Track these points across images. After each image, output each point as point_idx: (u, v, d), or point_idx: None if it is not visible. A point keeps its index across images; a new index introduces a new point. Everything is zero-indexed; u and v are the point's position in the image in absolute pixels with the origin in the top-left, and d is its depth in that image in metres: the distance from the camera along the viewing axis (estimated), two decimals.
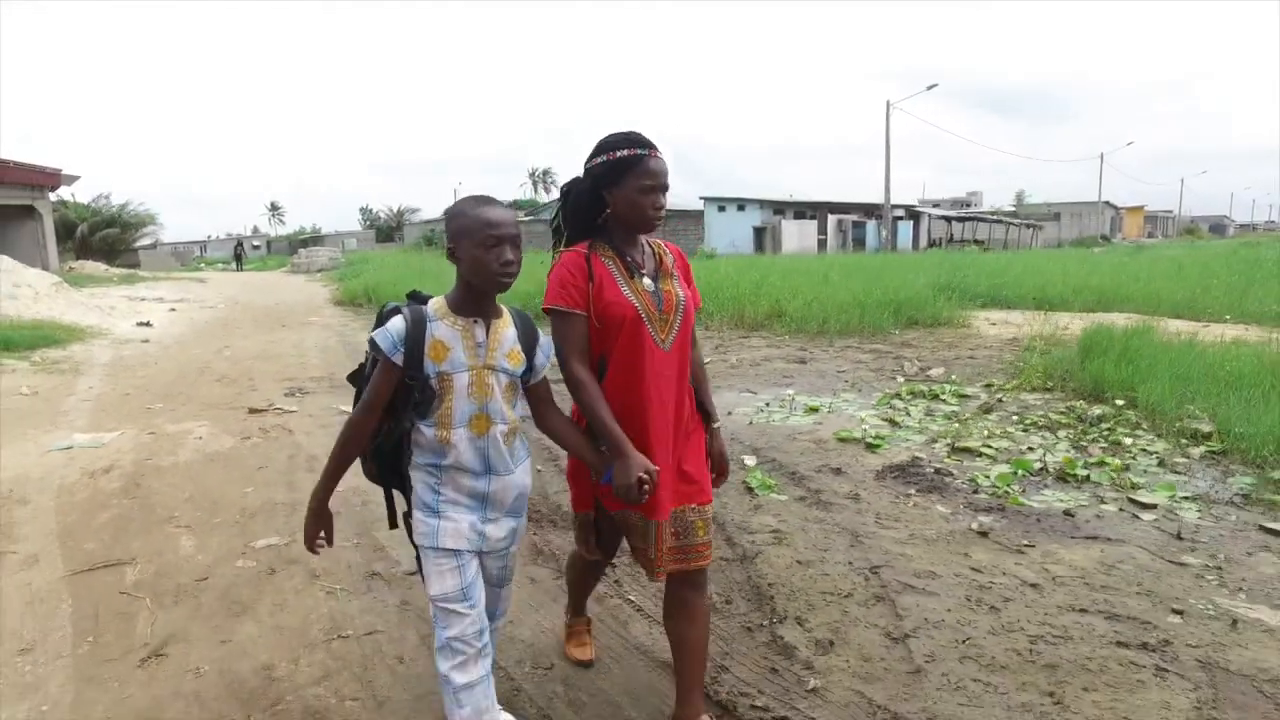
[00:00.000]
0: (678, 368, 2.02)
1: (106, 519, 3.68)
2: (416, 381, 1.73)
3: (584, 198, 2.01)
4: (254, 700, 2.25)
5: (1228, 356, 6.54)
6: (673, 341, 2.01)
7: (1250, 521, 3.62)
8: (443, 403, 1.75)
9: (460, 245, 1.76)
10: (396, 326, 1.75)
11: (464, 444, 1.76)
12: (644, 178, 1.95)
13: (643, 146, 1.97)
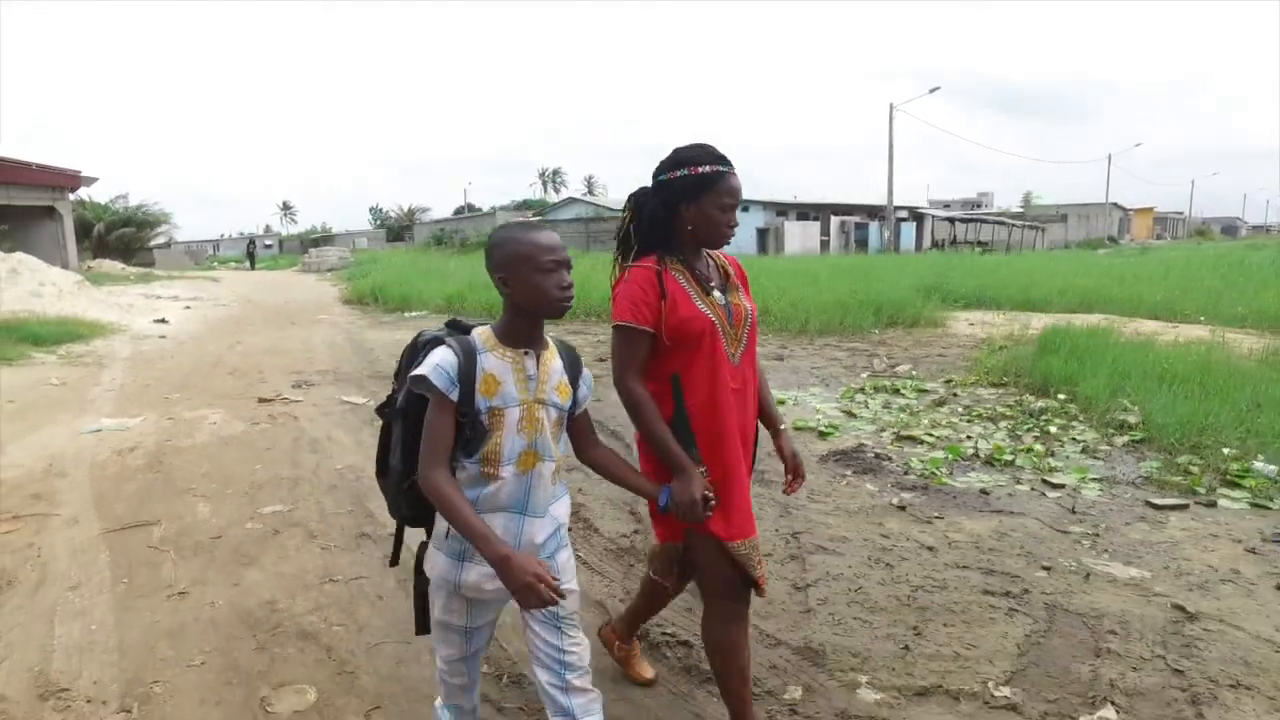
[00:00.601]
0: (744, 380, 2.01)
1: (134, 489, 4.21)
2: (467, 418, 1.62)
3: (660, 211, 1.98)
4: (259, 625, 2.75)
5: (1172, 355, 6.97)
6: (741, 354, 2.01)
7: (1141, 498, 4.07)
8: (491, 439, 1.64)
9: (516, 273, 1.64)
10: (449, 360, 1.62)
11: (510, 481, 1.66)
12: (724, 195, 1.94)
13: (724, 164, 1.97)
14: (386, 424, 1.77)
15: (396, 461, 1.71)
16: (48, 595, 2.97)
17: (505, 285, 1.66)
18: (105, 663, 2.50)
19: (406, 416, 1.68)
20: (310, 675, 2.44)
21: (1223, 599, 2.94)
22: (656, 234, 1.97)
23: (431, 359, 1.63)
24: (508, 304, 1.67)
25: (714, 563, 1.93)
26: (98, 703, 2.28)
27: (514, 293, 1.64)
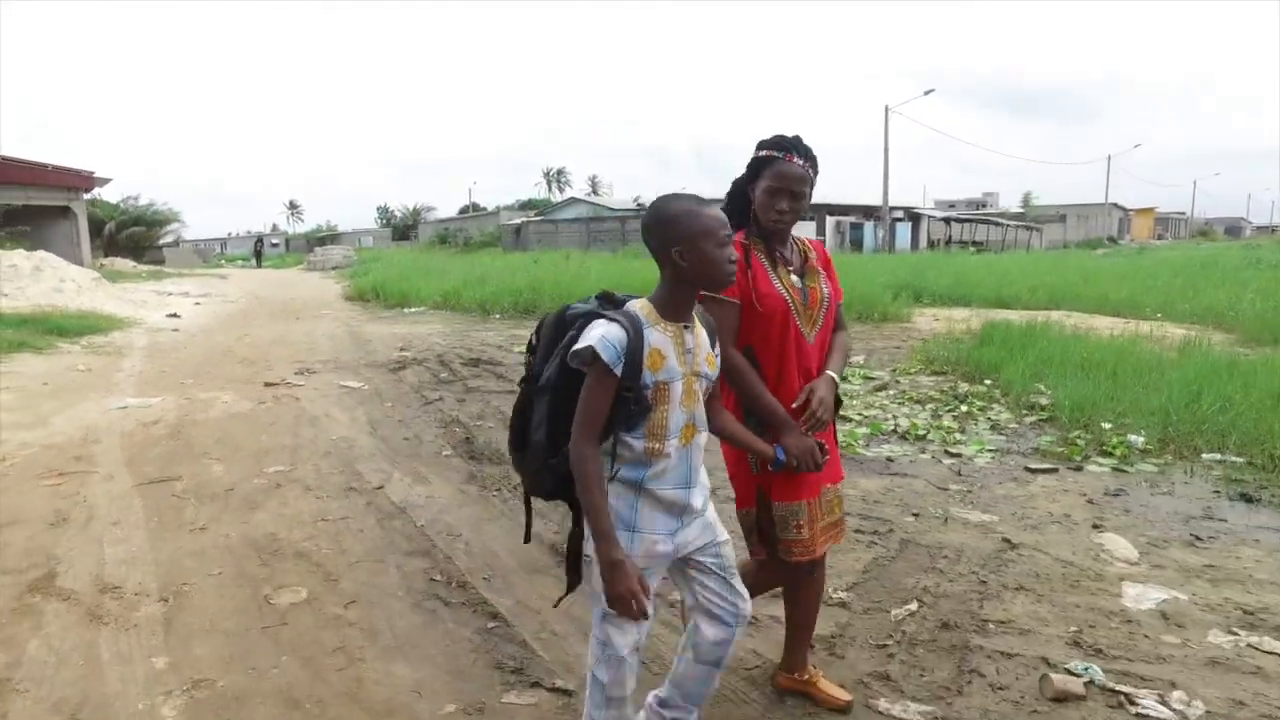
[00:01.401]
0: (819, 360, 2.10)
1: (158, 453, 4.91)
2: (632, 393, 1.62)
3: (736, 189, 2.10)
4: (263, 549, 3.45)
5: (1098, 346, 7.62)
6: (816, 335, 2.09)
7: (1022, 464, 4.73)
8: (655, 413, 1.67)
9: (695, 246, 1.66)
10: (616, 335, 1.61)
11: (674, 455, 1.71)
12: (772, 180, 2.02)
13: (781, 149, 2.03)
14: (525, 399, 1.77)
15: (542, 437, 1.71)
16: (95, 528, 3.67)
17: (681, 259, 1.67)
18: (145, 572, 3.20)
19: (557, 391, 1.69)
20: (303, 580, 3.13)
21: (1045, 534, 3.61)
22: (735, 209, 2.09)
23: (595, 332, 1.62)
24: (673, 277, 1.69)
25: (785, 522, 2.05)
26: (143, 595, 2.98)
27: (689, 266, 1.67)
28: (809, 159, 2.05)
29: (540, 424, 1.72)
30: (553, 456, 1.70)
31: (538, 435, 1.72)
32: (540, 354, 1.77)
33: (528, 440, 1.75)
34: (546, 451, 1.71)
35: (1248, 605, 2.90)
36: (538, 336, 1.79)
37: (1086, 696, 2.32)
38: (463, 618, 2.83)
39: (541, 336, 1.78)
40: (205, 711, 2.25)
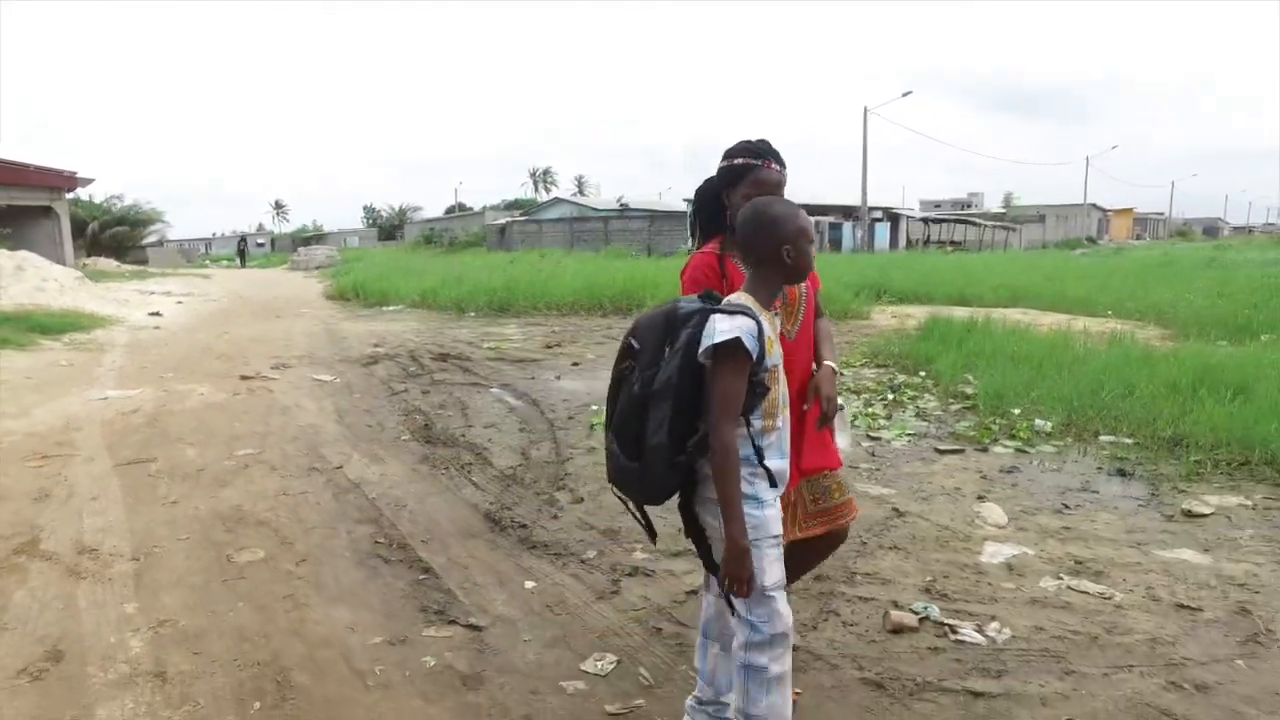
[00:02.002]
0: (804, 354, 2.18)
1: (136, 439, 5.28)
2: (758, 377, 1.74)
3: (708, 198, 2.19)
4: (229, 518, 3.83)
5: (1030, 340, 8.09)
6: (797, 331, 2.16)
7: (933, 446, 5.17)
8: (771, 392, 1.79)
9: (798, 244, 1.81)
10: (751, 326, 1.73)
11: (782, 428, 1.84)
12: (753, 187, 2.08)
13: (759, 157, 2.12)
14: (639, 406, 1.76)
15: (663, 438, 1.72)
16: (75, 503, 4.04)
17: (788, 256, 1.81)
18: (120, 537, 3.58)
19: (680, 390, 1.72)
20: (261, 543, 3.52)
21: (932, 505, 4.05)
22: (708, 218, 2.20)
23: (730, 326, 1.71)
24: (774, 271, 1.82)
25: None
26: (117, 556, 3.36)
27: (795, 262, 1.81)
28: (783, 164, 2.16)
29: (661, 426, 1.72)
30: (680, 455, 1.74)
31: (657, 439, 1.73)
32: (648, 357, 1.78)
33: (644, 447, 1.75)
34: (671, 452, 1.73)
35: (1081, 557, 3.34)
36: (637, 340, 1.82)
37: (919, 629, 2.74)
38: (399, 572, 3.23)
39: (645, 339, 1.80)
40: (168, 644, 2.64)
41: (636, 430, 1.76)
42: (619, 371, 1.86)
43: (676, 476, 1.78)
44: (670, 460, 1.73)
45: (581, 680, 2.42)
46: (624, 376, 1.84)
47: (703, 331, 1.73)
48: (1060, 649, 2.60)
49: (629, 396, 1.79)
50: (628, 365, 1.83)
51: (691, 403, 1.74)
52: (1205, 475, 4.49)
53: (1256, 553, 3.40)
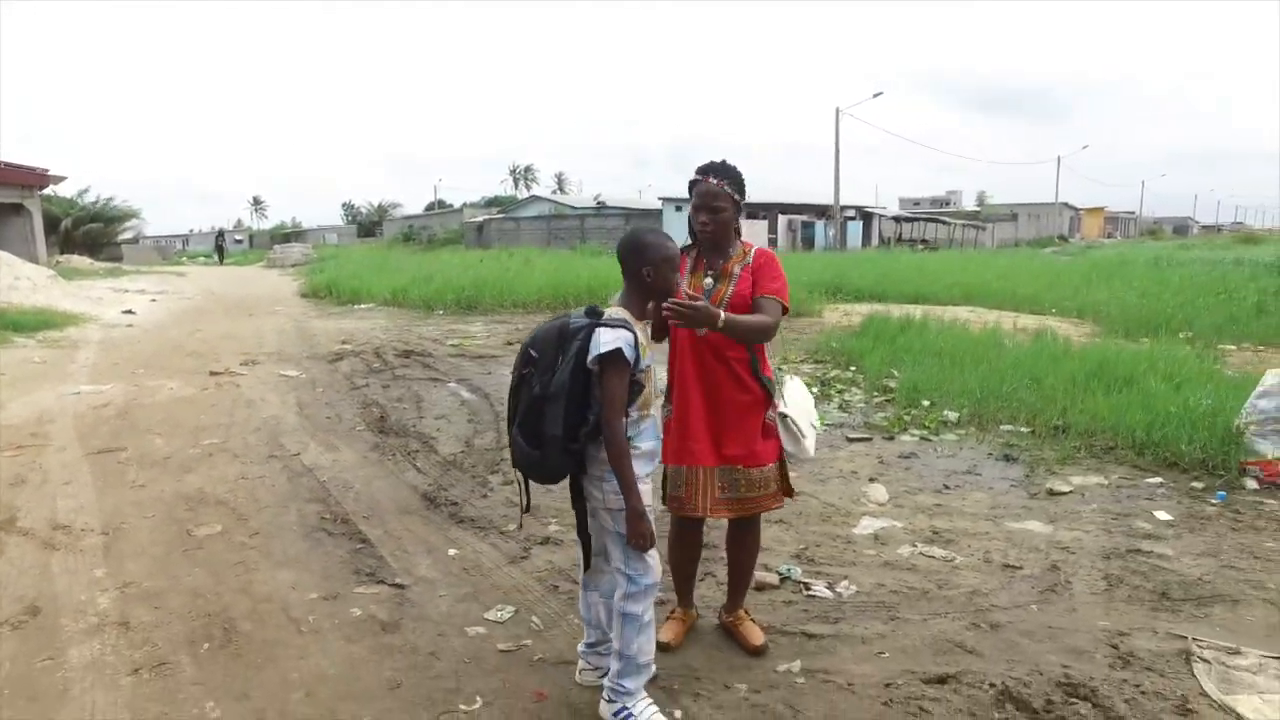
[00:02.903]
0: (713, 352, 2.46)
1: (106, 429, 5.67)
2: (635, 377, 2.14)
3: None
4: (191, 499, 4.24)
5: (959, 337, 8.63)
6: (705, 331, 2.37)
7: (844, 435, 5.67)
8: (646, 388, 2.21)
9: (660, 269, 2.20)
10: (629, 337, 2.11)
11: (654, 415, 2.26)
12: (695, 199, 2.50)
13: (702, 173, 2.48)
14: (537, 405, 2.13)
15: (559, 430, 2.11)
16: (49, 487, 4.44)
17: (649, 277, 2.21)
18: (91, 516, 3.98)
19: (571, 391, 2.10)
20: (219, 520, 3.94)
21: (826, 485, 4.53)
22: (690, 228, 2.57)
23: (613, 338, 2.09)
24: (640, 288, 2.24)
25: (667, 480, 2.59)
26: (88, 531, 3.77)
27: (654, 283, 2.22)
28: (727, 177, 2.45)
29: (556, 420, 2.11)
30: (573, 443, 2.14)
31: (554, 430, 2.11)
32: (545, 363, 2.15)
33: (543, 437, 2.12)
34: (565, 441, 2.12)
35: (940, 529, 3.84)
36: (535, 350, 2.18)
37: (779, 586, 3.22)
38: (339, 543, 3.66)
39: (542, 349, 2.17)
40: (131, 600, 3.07)
41: (536, 424, 2.14)
42: (519, 376, 2.24)
43: (570, 461, 2.18)
44: (565, 448, 2.14)
45: (483, 626, 2.87)
46: (525, 380, 2.21)
47: (590, 343, 2.11)
48: (894, 601, 3.08)
49: (530, 396, 2.16)
50: (528, 370, 2.19)
51: (581, 401, 2.12)
52: (1079, 459, 5.02)
53: (1090, 523, 3.91)
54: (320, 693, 2.44)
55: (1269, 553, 3.50)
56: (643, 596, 2.23)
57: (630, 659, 2.24)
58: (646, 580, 2.23)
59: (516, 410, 2.23)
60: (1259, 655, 2.61)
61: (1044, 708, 2.33)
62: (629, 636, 2.23)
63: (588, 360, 2.11)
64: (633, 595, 2.22)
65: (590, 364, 2.10)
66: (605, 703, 2.28)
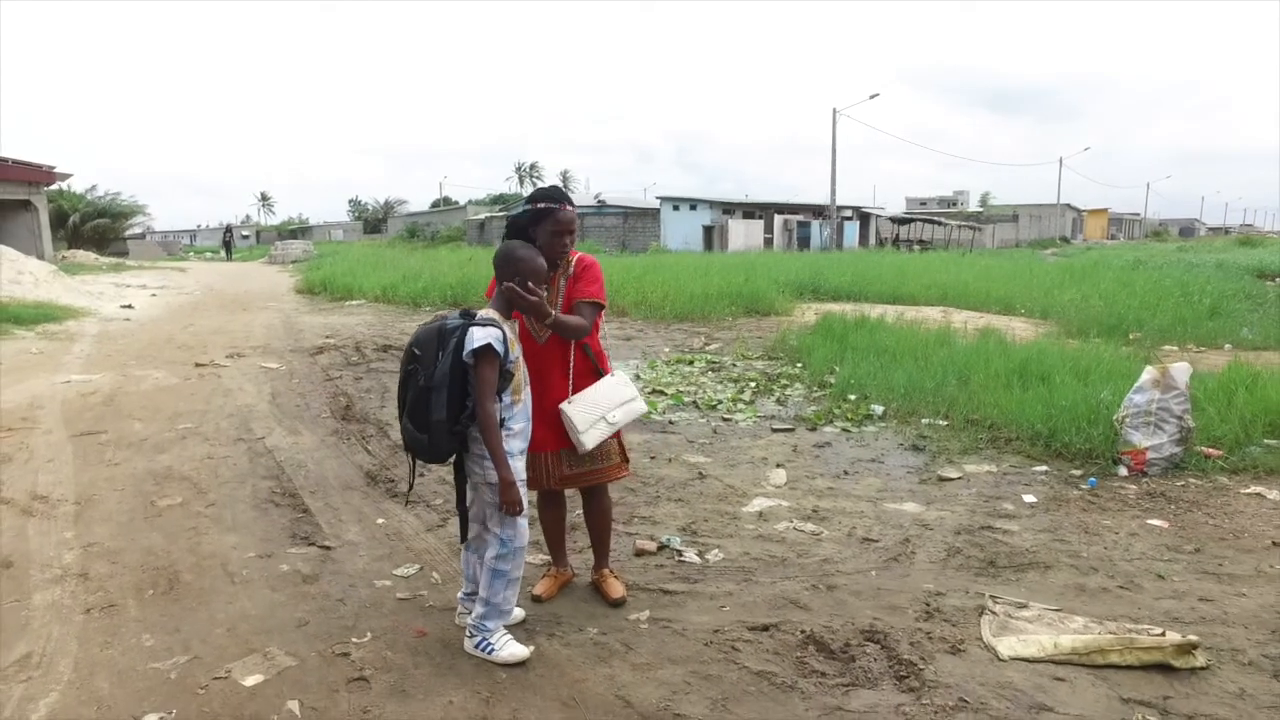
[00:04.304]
0: (555, 356, 2.86)
1: (91, 415, 6.17)
2: (505, 368, 2.54)
3: (519, 231, 2.79)
4: (159, 476, 4.72)
5: (906, 335, 9.04)
6: (548, 337, 2.81)
7: (769, 426, 6.11)
8: (515, 377, 2.59)
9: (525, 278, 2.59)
10: (498, 334, 2.50)
11: (525, 400, 2.67)
12: (555, 225, 2.75)
13: (557, 201, 2.76)
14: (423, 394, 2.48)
15: (442, 415, 2.47)
16: (33, 464, 4.93)
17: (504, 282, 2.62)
18: (67, 488, 4.47)
19: (450, 381, 2.46)
20: (181, 493, 4.42)
21: (735, 470, 4.98)
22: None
23: (483, 335, 2.47)
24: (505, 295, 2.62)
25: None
26: (63, 501, 4.26)
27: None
28: (571, 204, 2.82)
29: (440, 407, 2.46)
30: (455, 426, 2.51)
31: (438, 415, 2.47)
32: (428, 359, 2.49)
33: (429, 422, 2.48)
34: (449, 424, 2.48)
35: (821, 508, 4.29)
36: (419, 348, 2.52)
37: (656, 554, 3.67)
38: (284, 513, 4.14)
39: (424, 347, 2.51)
40: (92, 557, 3.55)
41: (424, 411, 2.49)
42: (405, 371, 2.59)
43: (454, 441, 2.55)
44: (450, 430, 2.51)
45: (389, 580, 3.34)
46: (411, 374, 2.56)
47: (464, 339, 2.49)
48: (753, 566, 3.54)
49: (417, 388, 2.51)
50: (413, 367, 2.54)
51: (460, 389, 2.50)
52: (981, 449, 5.45)
53: (961, 504, 4.35)
54: (240, 628, 2.92)
55: (1099, 528, 3.94)
56: (512, 557, 2.64)
57: (494, 606, 2.68)
58: (517, 543, 2.65)
59: (405, 401, 2.59)
60: (1041, 608, 3.06)
61: (840, 649, 2.78)
62: (497, 588, 2.66)
63: (464, 354, 2.49)
64: (503, 556, 2.63)
65: (466, 357, 2.48)
66: (468, 638, 2.74)
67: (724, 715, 2.38)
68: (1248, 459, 4.86)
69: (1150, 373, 5.13)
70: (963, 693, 2.51)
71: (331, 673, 2.61)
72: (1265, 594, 3.21)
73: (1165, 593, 3.24)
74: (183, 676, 2.59)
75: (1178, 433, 4.93)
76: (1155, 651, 2.69)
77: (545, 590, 3.18)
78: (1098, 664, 2.70)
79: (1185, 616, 3.03)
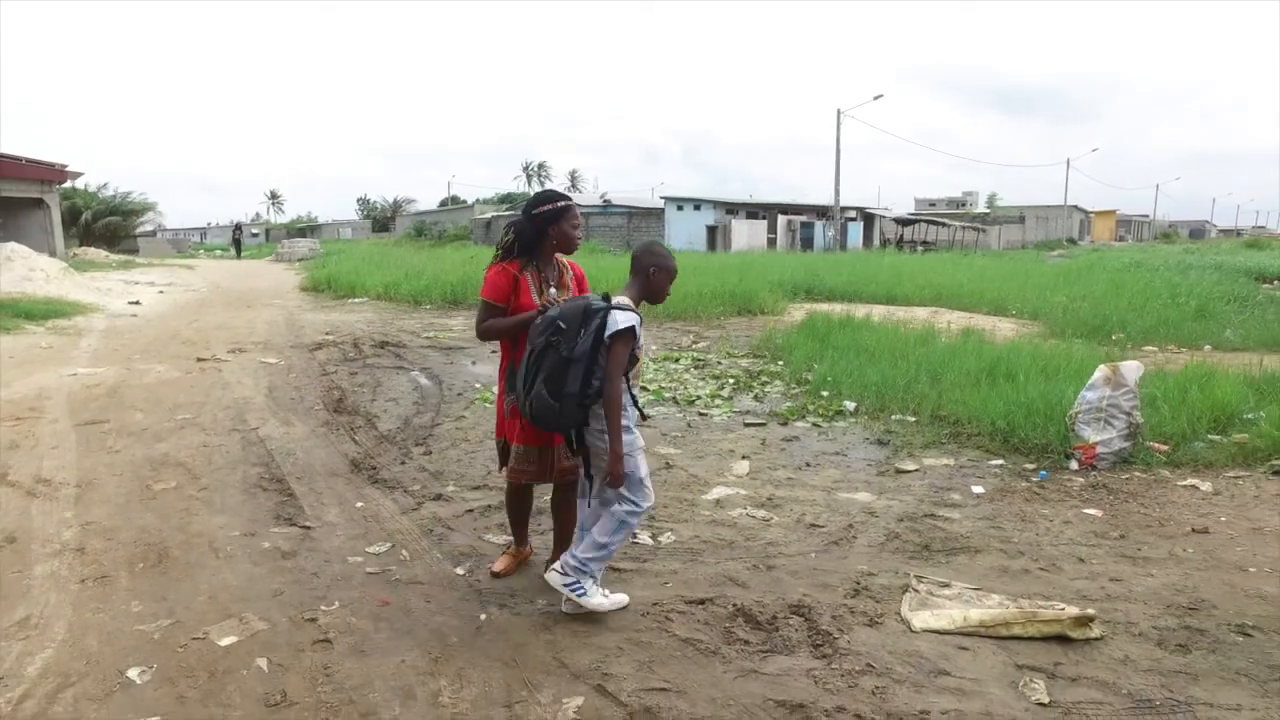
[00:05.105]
0: None
1: (95, 406, 6.47)
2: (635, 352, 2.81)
3: (531, 232, 3.06)
4: (155, 462, 5.01)
5: (889, 334, 9.26)
6: None
7: (741, 420, 6.35)
8: (639, 362, 2.86)
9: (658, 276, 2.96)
10: (635, 318, 2.80)
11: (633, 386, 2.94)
12: (571, 219, 3.09)
13: (567, 199, 3.12)
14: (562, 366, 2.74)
15: (575, 389, 2.73)
16: (39, 451, 5.23)
17: (650, 279, 2.96)
18: (69, 473, 4.76)
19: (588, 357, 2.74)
20: (176, 478, 4.71)
21: (702, 461, 5.23)
22: (530, 245, 3.10)
23: (626, 318, 2.77)
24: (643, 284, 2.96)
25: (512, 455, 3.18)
26: (65, 484, 4.55)
27: (654, 282, 2.97)
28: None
29: (575, 380, 2.74)
30: (586, 399, 2.78)
31: (572, 388, 2.73)
32: (571, 334, 2.75)
33: (562, 393, 2.74)
34: (580, 397, 2.76)
35: (776, 496, 4.53)
36: (564, 322, 2.77)
37: None
38: (271, 496, 4.42)
39: (569, 322, 2.77)
40: (90, 534, 3.83)
41: (559, 382, 2.74)
42: (545, 341, 2.80)
43: (581, 414, 2.82)
44: (580, 402, 2.77)
45: (361, 556, 3.61)
46: (552, 346, 2.78)
47: (607, 321, 2.78)
48: (701, 548, 3.78)
49: (558, 359, 2.75)
50: (555, 339, 2.77)
51: (592, 367, 2.76)
52: (943, 444, 5.68)
53: (911, 494, 4.59)
54: (220, 597, 3.19)
55: (1037, 516, 4.18)
56: (637, 515, 2.97)
57: (603, 548, 2.94)
58: (645, 504, 2.97)
59: (537, 373, 2.80)
60: (962, 587, 3.29)
61: (767, 621, 3.02)
62: (612, 530, 2.93)
63: (605, 334, 2.76)
64: (632, 513, 2.95)
65: (607, 338, 2.75)
66: (559, 574, 2.96)
67: (647, 675, 2.63)
68: (1190, 454, 5.08)
69: (1102, 371, 5.35)
70: (871, 659, 2.75)
71: (299, 635, 2.88)
72: (1171, 574, 3.44)
73: (1081, 574, 3.48)
74: (165, 637, 2.86)
75: (1126, 428, 5.16)
76: (1055, 624, 2.93)
77: (504, 567, 3.44)
78: (1002, 636, 2.94)
79: (1094, 595, 3.26)
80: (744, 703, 2.49)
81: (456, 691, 2.54)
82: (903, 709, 2.47)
